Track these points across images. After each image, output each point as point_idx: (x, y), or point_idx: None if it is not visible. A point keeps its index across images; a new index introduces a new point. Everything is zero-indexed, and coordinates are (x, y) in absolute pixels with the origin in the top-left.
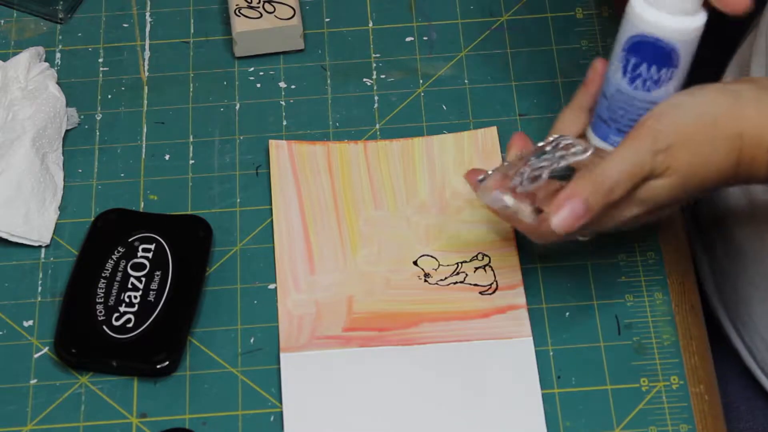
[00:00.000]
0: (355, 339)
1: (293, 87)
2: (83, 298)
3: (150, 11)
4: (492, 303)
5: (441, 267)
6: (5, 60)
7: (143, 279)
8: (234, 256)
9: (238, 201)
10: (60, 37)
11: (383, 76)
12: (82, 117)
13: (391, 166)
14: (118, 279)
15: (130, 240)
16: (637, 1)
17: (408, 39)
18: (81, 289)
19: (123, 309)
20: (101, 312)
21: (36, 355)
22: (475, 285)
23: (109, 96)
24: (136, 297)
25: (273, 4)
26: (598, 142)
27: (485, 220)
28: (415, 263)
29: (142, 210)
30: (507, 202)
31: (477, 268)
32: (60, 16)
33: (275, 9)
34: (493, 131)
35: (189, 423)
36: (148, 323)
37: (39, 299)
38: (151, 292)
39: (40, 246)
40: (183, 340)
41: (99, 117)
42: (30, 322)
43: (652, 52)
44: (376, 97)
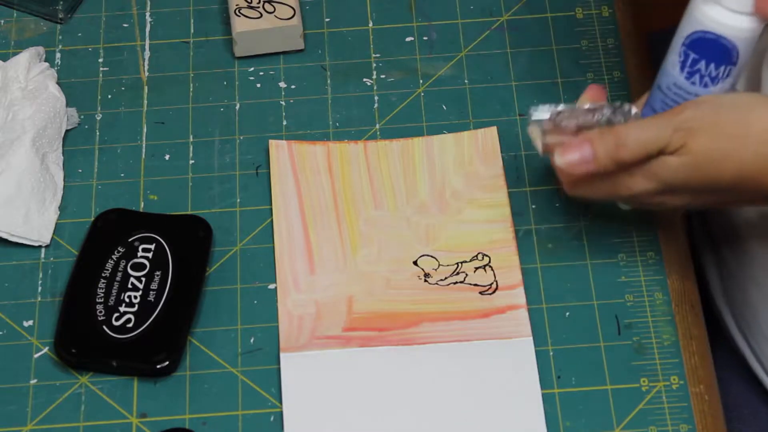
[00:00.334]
0: (355, 339)
1: (293, 87)
2: (83, 298)
3: (150, 11)
4: (492, 303)
5: (441, 267)
6: (5, 60)
7: (143, 279)
8: (234, 256)
9: (238, 201)
10: (60, 37)
11: (383, 76)
12: (82, 117)
13: (391, 166)
14: (118, 279)
15: (130, 240)
16: None
17: (408, 39)
18: (81, 289)
19: (123, 309)
20: (101, 312)
21: (36, 355)
22: (475, 285)
23: (109, 96)
24: (136, 297)
25: (273, 4)
26: None
27: (485, 220)
28: (415, 263)
29: (142, 210)
30: (533, 137)
31: (477, 268)
32: (60, 16)
33: (275, 9)
34: (493, 131)
35: (189, 423)
36: (148, 323)
37: (39, 299)
38: (151, 292)
39: (40, 246)
40: (183, 340)
41: (99, 117)
42: (30, 322)
43: (712, 49)
44: (376, 97)
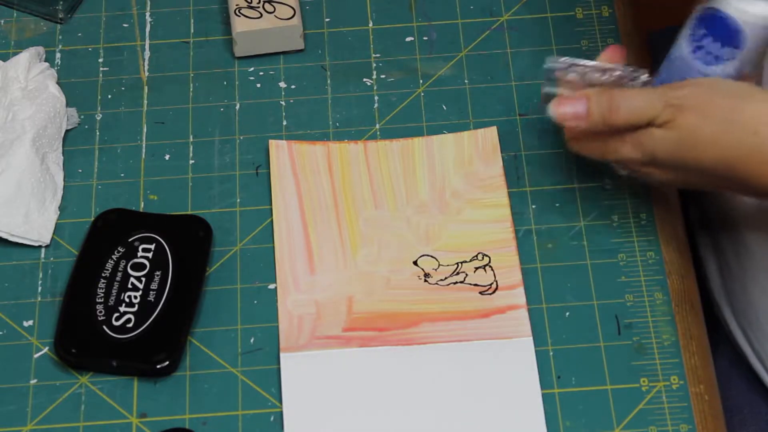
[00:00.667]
0: (355, 339)
1: (293, 87)
2: (83, 298)
3: (150, 11)
4: (492, 303)
5: (441, 267)
6: (5, 60)
7: (143, 279)
8: (234, 256)
9: (238, 201)
10: (60, 37)
11: (383, 76)
12: (82, 117)
13: (391, 166)
14: (118, 279)
15: (130, 240)
16: None
17: (408, 39)
18: (81, 289)
19: (123, 309)
20: (101, 312)
21: (36, 355)
22: (475, 285)
23: (109, 96)
24: (136, 297)
25: (273, 4)
26: None
27: (485, 220)
28: (415, 263)
29: (142, 210)
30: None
31: (477, 268)
32: (60, 16)
33: (275, 9)
34: (493, 131)
35: (189, 423)
36: (148, 323)
37: (39, 299)
38: (151, 292)
39: (40, 246)
40: (183, 340)
41: (99, 117)
42: (30, 322)
43: (719, 27)
44: (376, 97)
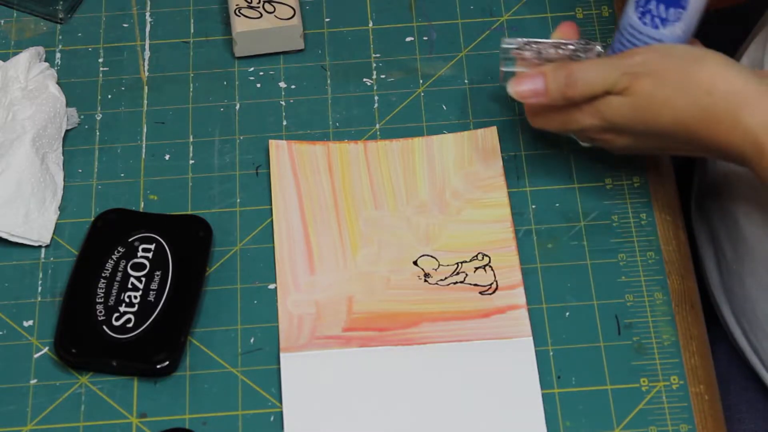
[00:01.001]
0: (355, 339)
1: (293, 87)
2: (83, 298)
3: (150, 11)
4: (492, 303)
5: (441, 267)
6: (5, 60)
7: (143, 279)
8: (234, 256)
9: (238, 201)
10: (60, 37)
11: (383, 76)
12: (82, 117)
13: (391, 166)
14: (118, 279)
15: (130, 240)
16: None
17: (408, 39)
18: (81, 289)
19: (123, 309)
20: (101, 312)
21: (36, 355)
22: (475, 285)
23: (109, 96)
24: (136, 297)
25: (273, 4)
26: None
27: (485, 220)
28: (415, 263)
29: (142, 210)
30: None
31: (477, 268)
32: (60, 16)
33: (275, 9)
34: (493, 131)
35: (189, 423)
36: (148, 323)
37: (39, 299)
38: (151, 292)
39: (40, 246)
40: (183, 340)
41: (99, 117)
42: (30, 322)
43: None
44: (376, 97)
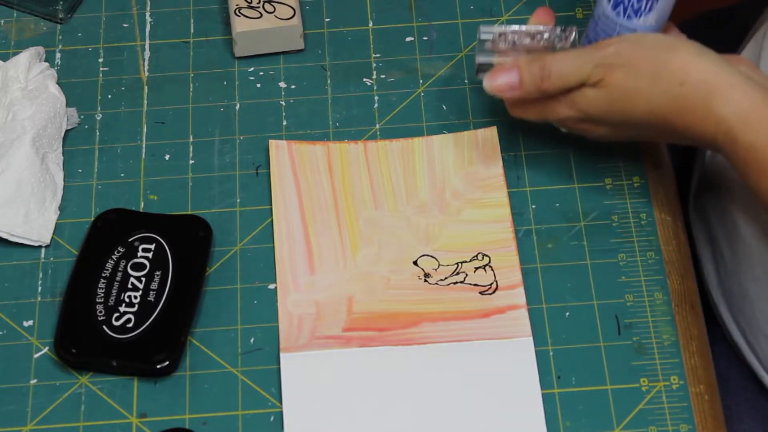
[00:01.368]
0: (355, 339)
1: (293, 87)
2: (83, 298)
3: (150, 11)
4: (492, 303)
5: (441, 267)
6: (5, 60)
7: (143, 279)
8: (234, 256)
9: (238, 201)
10: (60, 37)
11: (383, 76)
12: (82, 117)
13: (391, 166)
14: (118, 279)
15: (130, 240)
16: None
17: (408, 39)
18: (81, 289)
19: (123, 309)
20: (101, 312)
21: (36, 355)
22: (475, 285)
23: (109, 96)
24: (136, 297)
25: (273, 4)
26: None
27: (485, 220)
28: (415, 263)
29: (142, 210)
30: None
31: (477, 268)
32: (60, 16)
33: (275, 9)
34: (493, 131)
35: (189, 423)
36: (148, 323)
37: (39, 299)
38: (151, 292)
39: (40, 246)
40: (183, 340)
41: (99, 117)
42: (30, 322)
43: None
44: (376, 97)
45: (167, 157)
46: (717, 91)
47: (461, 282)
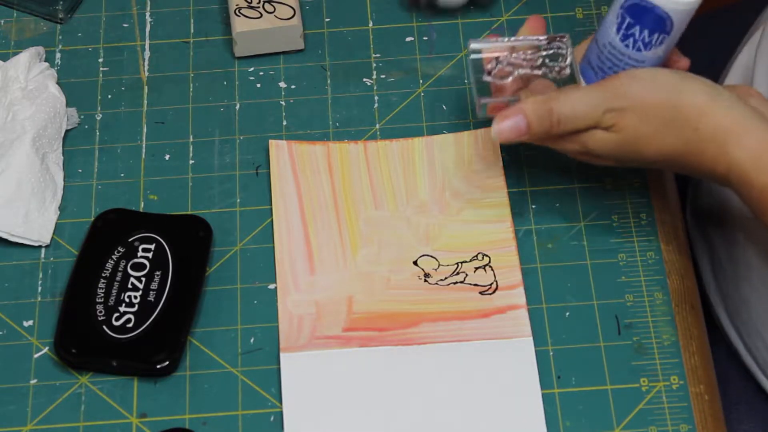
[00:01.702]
0: (355, 339)
1: (293, 87)
2: (83, 298)
3: (150, 11)
4: (492, 303)
5: (441, 267)
6: (5, 60)
7: (143, 279)
8: (234, 256)
9: (238, 201)
10: (60, 37)
11: (383, 76)
12: (82, 117)
13: (391, 166)
14: (118, 279)
15: (130, 240)
16: None
17: (408, 39)
18: (81, 289)
19: (123, 309)
20: (101, 312)
21: (36, 355)
22: (475, 285)
23: (109, 96)
24: (136, 297)
25: (273, 4)
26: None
27: (485, 220)
28: (415, 263)
29: (142, 210)
30: (469, 76)
31: (477, 268)
32: (60, 16)
33: (275, 9)
34: None
35: (189, 423)
36: (148, 323)
37: (39, 299)
38: (151, 292)
39: (40, 246)
40: (183, 340)
41: (99, 117)
42: (30, 322)
43: (648, 17)
44: (376, 97)
45: (167, 157)
46: (730, 136)
47: (461, 282)
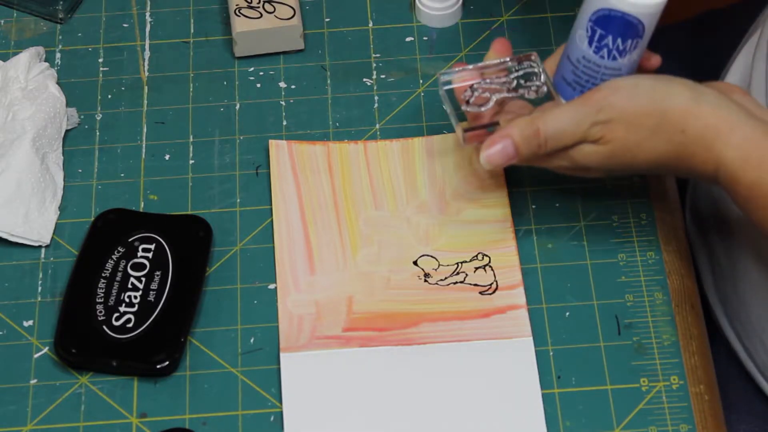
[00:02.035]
0: (355, 339)
1: (293, 87)
2: (83, 298)
3: (150, 11)
4: (492, 303)
5: (441, 267)
6: (5, 60)
7: (143, 279)
8: (234, 256)
9: (238, 201)
10: (60, 37)
11: (383, 76)
12: (82, 117)
13: (391, 166)
14: (118, 279)
15: (130, 240)
16: None
17: (408, 39)
18: (81, 289)
19: (123, 309)
20: (101, 312)
21: (36, 355)
22: (475, 285)
23: (109, 96)
24: (136, 297)
25: (273, 4)
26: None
27: (485, 220)
28: (415, 263)
29: (142, 210)
30: (445, 107)
31: (477, 268)
32: (60, 16)
33: (275, 9)
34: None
35: (189, 423)
36: (148, 323)
37: (39, 299)
38: (151, 292)
39: (40, 246)
40: (183, 340)
41: (99, 117)
42: (30, 322)
43: (618, 25)
44: (376, 97)
45: (167, 157)
46: (717, 135)
47: (461, 282)
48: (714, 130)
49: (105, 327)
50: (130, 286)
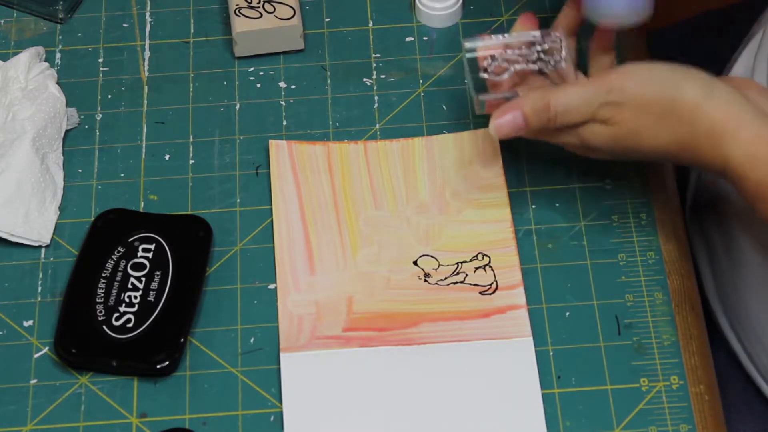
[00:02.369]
0: (355, 339)
1: (293, 87)
2: (83, 298)
3: (150, 11)
4: (492, 303)
5: (441, 267)
6: (5, 60)
7: (143, 279)
8: (234, 256)
9: (238, 201)
10: (60, 37)
11: (383, 76)
12: (82, 117)
13: (391, 166)
14: (118, 279)
15: (130, 240)
16: None
17: (408, 39)
18: (81, 289)
19: (123, 309)
20: (101, 312)
21: (36, 355)
22: (475, 285)
23: (109, 96)
24: (136, 297)
25: (273, 4)
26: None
27: (485, 220)
28: (415, 263)
29: (142, 210)
30: (466, 75)
31: (477, 268)
32: (60, 16)
33: (275, 9)
34: None
35: (189, 423)
36: (148, 323)
37: (39, 299)
38: (151, 292)
39: (40, 246)
40: (183, 340)
41: (99, 117)
42: (30, 322)
43: None
44: (376, 97)
45: (167, 157)
46: (725, 132)
47: (461, 282)
48: (722, 126)
49: (105, 327)
50: (130, 286)
